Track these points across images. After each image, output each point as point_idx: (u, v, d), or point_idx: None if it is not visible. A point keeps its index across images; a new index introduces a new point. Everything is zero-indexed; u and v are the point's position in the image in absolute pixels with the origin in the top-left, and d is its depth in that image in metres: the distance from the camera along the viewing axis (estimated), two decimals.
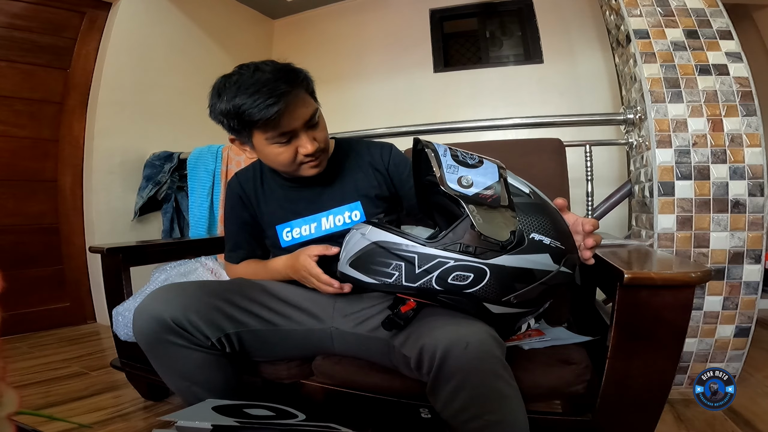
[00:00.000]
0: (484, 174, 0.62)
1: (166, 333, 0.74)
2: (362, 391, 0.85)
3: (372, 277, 0.65)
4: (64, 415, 1.13)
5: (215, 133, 2.85)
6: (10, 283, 0.27)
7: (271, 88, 0.74)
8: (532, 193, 0.66)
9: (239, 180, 0.98)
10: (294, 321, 0.85)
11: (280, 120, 0.76)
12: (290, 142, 0.80)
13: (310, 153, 0.80)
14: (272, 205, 0.94)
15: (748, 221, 1.16)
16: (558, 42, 2.47)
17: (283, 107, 0.74)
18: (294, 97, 0.76)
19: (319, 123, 0.83)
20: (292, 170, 0.85)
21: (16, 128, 1.89)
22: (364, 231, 0.67)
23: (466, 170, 0.61)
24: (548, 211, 0.65)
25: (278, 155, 0.81)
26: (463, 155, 0.64)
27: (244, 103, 0.74)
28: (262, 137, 0.79)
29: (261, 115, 0.74)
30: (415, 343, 0.67)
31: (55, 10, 1.93)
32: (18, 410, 0.28)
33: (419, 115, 2.08)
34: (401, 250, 0.63)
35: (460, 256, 0.61)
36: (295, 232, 0.92)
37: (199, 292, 0.80)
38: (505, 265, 0.61)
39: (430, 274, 0.61)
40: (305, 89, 0.81)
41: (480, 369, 0.61)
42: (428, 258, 0.61)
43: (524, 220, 0.62)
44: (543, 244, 0.62)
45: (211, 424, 0.57)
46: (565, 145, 1.13)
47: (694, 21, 1.25)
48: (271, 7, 2.89)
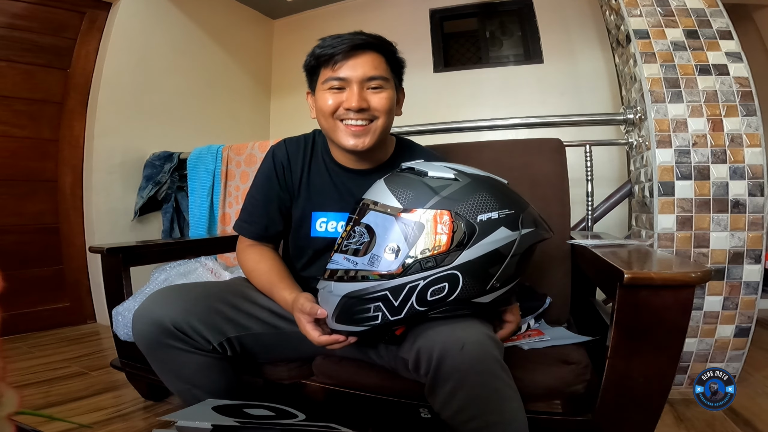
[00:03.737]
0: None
1: (167, 337, 0.74)
2: (362, 391, 0.85)
3: (360, 325, 0.64)
4: (64, 415, 1.12)
5: (215, 133, 2.85)
6: (10, 283, 0.27)
7: (351, 35, 0.77)
8: (458, 175, 0.65)
9: (287, 147, 0.89)
10: (295, 323, 0.85)
11: (338, 60, 0.76)
12: (341, 92, 0.78)
13: (351, 107, 0.76)
14: (314, 186, 0.88)
15: (748, 221, 1.16)
16: (558, 42, 2.46)
17: (348, 48, 0.76)
18: (366, 48, 0.77)
19: (382, 93, 0.79)
20: (332, 127, 0.80)
21: (16, 128, 1.89)
22: (330, 288, 0.66)
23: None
24: (481, 185, 0.65)
25: (325, 101, 0.79)
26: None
27: (325, 41, 0.78)
28: (322, 78, 0.79)
29: (327, 51, 0.76)
30: (412, 345, 0.67)
31: (55, 10, 1.93)
32: (18, 410, 0.28)
33: (419, 115, 2.07)
34: (371, 293, 0.62)
35: (425, 273, 0.60)
36: (330, 226, 0.86)
37: (201, 295, 0.79)
38: (471, 259, 0.61)
39: (410, 301, 0.61)
40: (384, 55, 0.80)
41: (477, 369, 0.61)
42: (399, 289, 0.61)
43: (464, 208, 0.61)
44: (492, 221, 0.62)
45: (211, 424, 0.57)
46: (565, 145, 1.13)
47: (694, 21, 1.25)
48: (271, 7, 2.89)
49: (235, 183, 1.93)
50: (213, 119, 2.58)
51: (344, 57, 0.76)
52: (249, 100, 2.88)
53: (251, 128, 2.86)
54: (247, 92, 2.86)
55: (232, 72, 2.72)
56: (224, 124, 2.66)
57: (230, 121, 2.70)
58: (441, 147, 1.19)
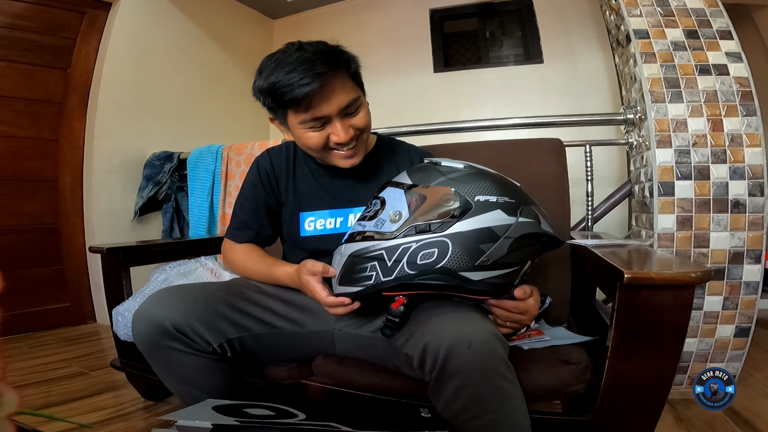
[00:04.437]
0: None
1: (167, 339, 0.73)
2: (362, 391, 0.85)
3: (357, 285, 0.69)
4: (64, 415, 1.13)
5: (215, 133, 2.85)
6: (10, 283, 0.27)
7: (308, 67, 0.71)
8: (466, 167, 0.72)
9: (270, 156, 0.93)
10: (296, 323, 0.85)
11: (311, 102, 0.73)
12: (323, 128, 0.77)
13: (342, 142, 0.77)
14: (300, 189, 0.90)
15: (748, 221, 1.16)
16: (558, 42, 2.47)
17: (317, 88, 0.71)
18: (331, 78, 0.72)
19: (359, 112, 0.79)
20: (323, 156, 0.81)
21: (16, 128, 1.89)
22: (341, 250, 0.72)
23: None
24: (487, 175, 0.70)
25: (309, 138, 0.78)
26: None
27: (279, 81, 0.72)
28: (296, 119, 0.77)
29: (292, 95, 0.71)
30: (418, 342, 0.67)
31: (55, 10, 1.93)
32: (18, 410, 0.28)
33: (419, 115, 2.08)
34: (371, 252, 0.67)
35: (419, 237, 0.65)
36: (319, 224, 0.88)
37: (201, 296, 0.79)
38: (463, 231, 0.65)
39: (401, 263, 0.65)
40: (347, 72, 0.76)
41: (483, 368, 0.61)
42: (394, 249, 0.66)
43: (465, 188, 0.67)
44: (490, 203, 0.66)
45: (211, 423, 0.57)
46: (565, 145, 1.13)
47: (694, 21, 1.25)
48: (271, 7, 2.89)
49: (235, 183, 1.93)
50: (213, 119, 2.58)
51: (316, 98, 0.73)
52: (249, 100, 2.81)
53: (251, 128, 2.86)
54: (247, 92, 2.79)
55: (232, 72, 2.72)
56: (224, 124, 2.66)
57: (230, 121, 2.70)
58: (441, 147, 1.19)
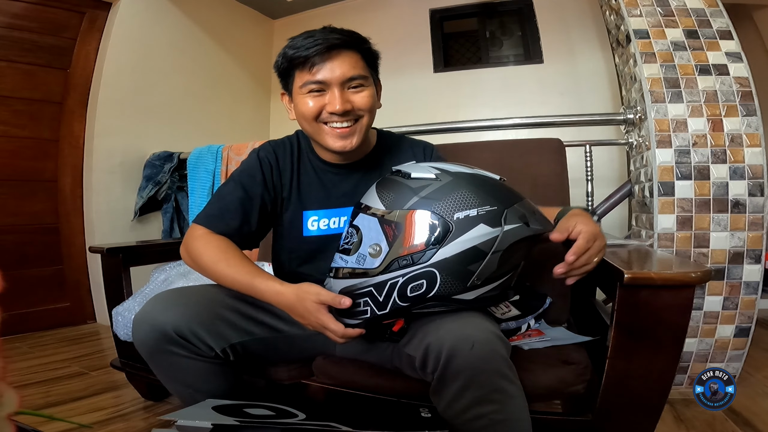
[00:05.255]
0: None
1: (168, 343, 0.72)
2: (362, 391, 0.85)
3: (355, 318, 0.68)
4: (64, 415, 1.13)
5: (215, 133, 2.85)
6: (10, 283, 0.27)
7: (324, 35, 0.74)
8: (440, 175, 0.66)
9: (275, 150, 0.87)
10: (297, 325, 0.83)
11: (315, 62, 0.74)
12: (322, 95, 0.76)
13: (335, 111, 0.75)
14: (304, 186, 0.87)
15: (748, 221, 1.16)
16: (558, 42, 2.47)
17: (323, 50, 0.73)
18: (341, 48, 0.75)
19: (363, 91, 0.78)
20: (316, 131, 0.79)
21: (16, 128, 1.89)
22: (330, 285, 0.71)
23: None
24: (462, 183, 0.65)
25: (305, 105, 0.77)
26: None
27: (296, 42, 0.75)
28: (300, 82, 0.77)
29: (301, 53, 0.74)
30: (420, 343, 0.67)
31: (55, 10, 1.93)
32: (18, 410, 0.28)
33: (419, 115, 2.08)
34: (360, 289, 0.66)
35: (403, 271, 0.63)
36: (323, 223, 0.86)
37: (203, 300, 0.77)
38: (447, 257, 0.62)
39: (392, 297, 0.64)
40: (360, 52, 0.78)
41: (486, 368, 0.61)
42: (382, 285, 0.64)
43: (441, 207, 0.63)
44: (470, 218, 0.62)
45: (211, 423, 0.57)
46: (565, 145, 1.13)
47: (694, 21, 1.25)
48: (271, 7, 2.89)
49: None
50: (213, 119, 2.58)
51: (321, 59, 0.74)
52: (249, 100, 2.88)
53: (251, 128, 2.86)
54: (247, 92, 2.86)
55: (232, 72, 2.72)
56: (224, 124, 2.66)
57: (230, 121, 2.70)
58: (441, 147, 1.19)
